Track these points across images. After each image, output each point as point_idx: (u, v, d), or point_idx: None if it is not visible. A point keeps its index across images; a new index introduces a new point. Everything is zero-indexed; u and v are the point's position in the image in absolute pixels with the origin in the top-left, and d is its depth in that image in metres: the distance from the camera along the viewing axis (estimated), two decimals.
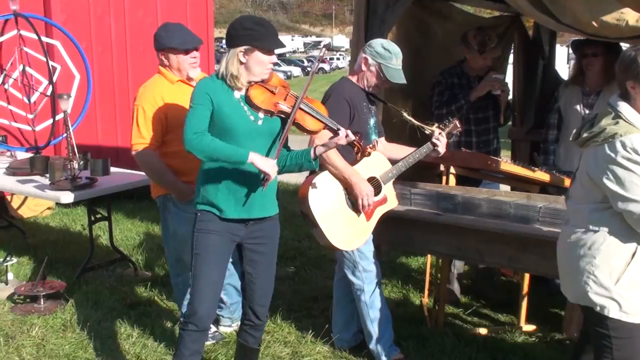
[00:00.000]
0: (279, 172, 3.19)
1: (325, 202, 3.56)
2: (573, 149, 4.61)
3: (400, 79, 3.72)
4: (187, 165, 3.63)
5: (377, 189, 3.70)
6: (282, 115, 3.11)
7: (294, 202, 8.48)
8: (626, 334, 2.67)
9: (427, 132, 3.81)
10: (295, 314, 4.64)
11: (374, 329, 3.84)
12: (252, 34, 3.00)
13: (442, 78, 4.72)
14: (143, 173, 4.20)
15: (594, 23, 3.35)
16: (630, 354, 2.70)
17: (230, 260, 3.37)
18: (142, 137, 3.79)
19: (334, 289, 4.15)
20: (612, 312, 2.64)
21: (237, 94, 3.07)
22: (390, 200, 3.80)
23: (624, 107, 2.64)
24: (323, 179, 3.58)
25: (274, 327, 4.41)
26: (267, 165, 2.96)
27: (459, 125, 3.94)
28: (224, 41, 3.72)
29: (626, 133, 2.56)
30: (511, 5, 3.92)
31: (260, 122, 3.08)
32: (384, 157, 3.81)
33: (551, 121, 4.86)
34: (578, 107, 4.66)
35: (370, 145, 3.65)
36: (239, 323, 3.46)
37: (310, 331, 4.27)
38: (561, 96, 4.82)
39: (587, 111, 4.61)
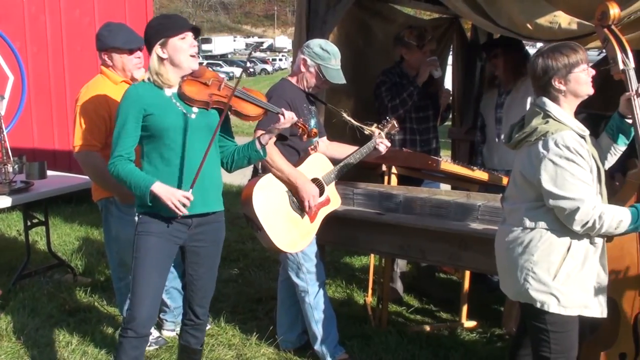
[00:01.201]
0: (232, 169, 3.19)
1: (270, 205, 3.54)
2: (494, 149, 4.77)
3: (340, 79, 3.74)
4: None
5: (320, 190, 3.71)
6: (219, 106, 3.09)
7: (237, 204, 8.40)
8: (563, 328, 2.76)
9: (366, 132, 3.85)
10: (239, 316, 4.61)
11: (318, 329, 3.85)
12: (160, 28, 3.01)
13: (385, 77, 4.77)
14: (81, 176, 4.11)
15: (528, 26, 3.44)
16: (567, 347, 2.79)
17: (173, 263, 3.32)
18: (84, 138, 3.70)
19: (279, 291, 4.14)
20: (552, 307, 2.71)
21: (169, 92, 3.05)
22: (333, 200, 3.82)
23: (552, 107, 2.73)
24: (267, 181, 3.56)
25: (218, 330, 4.37)
26: (172, 197, 2.92)
27: (396, 125, 3.99)
28: None
29: (557, 131, 2.65)
30: (449, 8, 3.99)
31: (194, 116, 3.05)
32: (326, 158, 3.83)
33: (478, 124, 5.02)
34: (493, 107, 4.82)
35: (312, 147, 3.68)
36: None
37: (255, 333, 4.25)
38: (482, 99, 4.99)
39: (499, 111, 4.76)
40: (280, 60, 59.36)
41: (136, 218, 3.10)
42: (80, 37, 7.99)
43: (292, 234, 3.61)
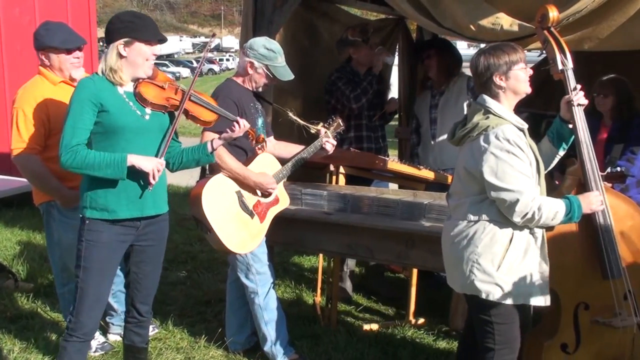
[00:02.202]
0: (176, 169, 3.17)
1: (219, 206, 3.52)
2: (429, 149, 4.86)
3: (289, 75, 3.75)
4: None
5: None
6: (175, 110, 3.08)
7: (184, 205, 8.32)
8: (507, 320, 2.84)
9: (312, 131, 3.86)
10: (187, 319, 4.56)
11: (268, 331, 3.84)
12: (130, 25, 2.94)
13: (339, 74, 4.79)
14: (23, 179, 3.99)
15: (472, 27, 3.51)
16: (510, 338, 2.88)
17: (120, 265, 3.27)
18: (23, 141, 3.59)
19: (227, 292, 4.11)
20: (496, 297, 2.79)
21: (121, 90, 2.99)
22: (282, 200, 3.82)
23: (492, 103, 2.82)
24: (215, 182, 3.53)
25: (166, 334, 4.31)
26: (150, 163, 2.92)
27: (342, 124, 4.01)
28: None
29: (497, 125, 2.75)
30: (395, 9, 4.04)
31: (147, 118, 3.01)
32: (274, 157, 3.82)
33: (413, 126, 5.09)
34: (427, 109, 4.91)
35: (259, 146, 3.67)
36: None
37: (204, 335, 4.21)
38: (416, 101, 5.08)
39: (433, 112, 4.85)
40: (228, 60, 58.96)
41: (83, 221, 3.02)
42: (20, 36, 7.77)
43: (242, 234, 3.58)
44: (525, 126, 2.83)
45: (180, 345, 4.16)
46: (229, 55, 64.46)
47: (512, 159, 2.70)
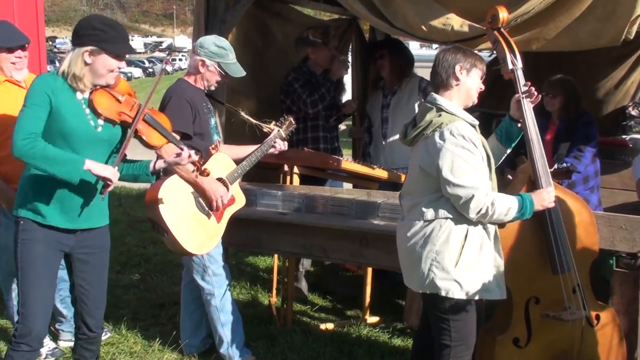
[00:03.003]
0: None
1: (176, 207, 3.45)
2: (380, 149, 4.90)
3: (240, 72, 3.74)
4: (18, 172, 3.37)
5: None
6: (126, 126, 2.96)
7: (137, 208, 8.24)
8: (462, 317, 2.88)
9: (265, 130, 3.85)
10: (141, 322, 4.50)
11: (225, 332, 3.81)
12: (100, 35, 2.83)
13: (296, 74, 4.77)
14: None
15: (423, 27, 3.55)
16: (466, 334, 2.92)
17: (66, 271, 3.19)
18: None
19: (182, 295, 4.07)
20: (456, 293, 2.82)
21: (80, 96, 2.89)
22: (238, 200, 3.79)
23: (443, 101, 2.87)
24: (171, 183, 3.47)
25: (119, 338, 4.24)
26: (107, 171, 2.83)
27: (293, 122, 4.01)
28: (57, 40, 3.50)
29: (451, 122, 2.79)
30: (348, 9, 4.06)
31: (100, 129, 2.91)
32: (228, 157, 3.79)
33: (365, 125, 5.13)
34: (379, 109, 4.95)
35: (213, 146, 3.65)
36: None
37: (158, 339, 4.15)
38: (368, 101, 5.12)
39: (385, 111, 4.90)
40: (180, 60, 58.30)
41: (17, 223, 2.92)
42: None
43: (200, 235, 3.54)
44: (476, 123, 2.89)
45: (133, 350, 4.09)
46: (182, 55, 63.75)
47: (466, 155, 2.75)
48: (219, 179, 3.65)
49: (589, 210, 3.21)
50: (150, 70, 49.46)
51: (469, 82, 2.89)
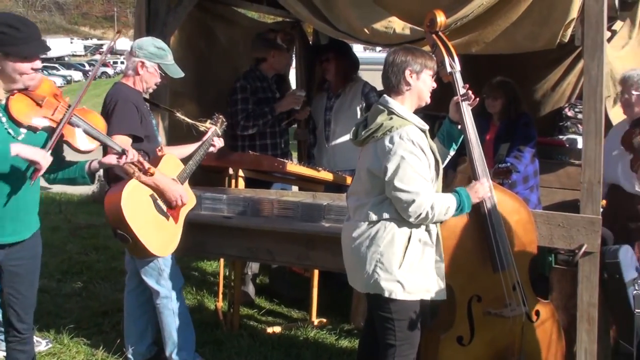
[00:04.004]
0: (52, 183, 3.01)
1: (138, 211, 3.41)
2: (323, 151, 4.94)
3: (179, 73, 3.73)
4: None
5: None
6: (51, 131, 2.79)
7: (78, 214, 8.07)
8: (407, 316, 2.92)
9: (201, 129, 3.85)
10: (83, 331, 4.39)
11: (178, 337, 3.77)
12: (4, 38, 2.64)
13: (246, 82, 4.73)
14: None
15: (366, 30, 3.58)
16: (410, 334, 2.96)
17: None
18: None
19: (126, 302, 3.99)
20: (399, 294, 2.86)
21: None
22: (190, 200, 3.77)
23: (394, 104, 2.90)
24: (131, 188, 3.40)
25: (61, 348, 4.13)
26: (37, 154, 2.65)
27: (224, 120, 4.00)
28: None
29: (401, 126, 2.82)
30: (291, 12, 4.06)
31: (20, 138, 2.74)
32: (176, 157, 3.77)
33: (310, 127, 5.15)
34: (322, 111, 4.98)
35: (159, 147, 3.62)
36: None
37: (102, 348, 4.07)
38: (313, 102, 5.15)
39: (328, 114, 4.93)
40: (122, 63, 57.24)
41: None
42: None
43: (162, 237, 3.52)
44: (427, 127, 2.93)
45: (76, 359, 4.00)
46: (124, 58, 62.58)
47: (413, 160, 2.78)
48: (172, 180, 3.62)
49: (527, 209, 3.29)
50: (90, 73, 48.36)
51: (420, 85, 2.92)
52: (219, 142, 3.86)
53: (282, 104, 4.78)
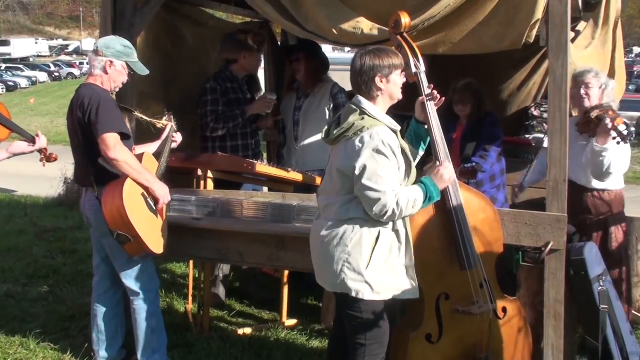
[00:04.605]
0: None
1: (138, 211, 3.46)
2: (292, 151, 4.94)
3: (145, 70, 3.75)
4: None
5: None
6: None
7: (44, 217, 7.94)
8: (376, 316, 2.92)
9: (158, 126, 3.87)
10: (50, 336, 4.32)
11: (153, 339, 3.75)
12: None
13: (216, 84, 4.70)
14: None
15: (334, 31, 3.59)
16: (380, 333, 2.97)
17: None
18: None
19: (95, 306, 3.93)
20: (366, 294, 2.86)
21: None
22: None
23: (367, 105, 2.90)
24: (128, 188, 3.43)
25: (27, 354, 4.07)
26: None
27: (172, 117, 4.00)
28: None
29: (372, 126, 2.83)
30: (259, 12, 4.05)
31: None
32: (152, 155, 3.77)
33: (280, 127, 5.15)
34: (291, 111, 4.99)
35: (133, 148, 3.62)
36: None
37: (69, 352, 4.03)
38: (283, 101, 5.15)
39: (297, 114, 4.94)
40: (89, 64, 56.52)
41: None
42: None
43: (157, 234, 3.58)
44: (398, 128, 2.93)
45: None
46: (88, 59, 61.72)
47: (382, 160, 2.79)
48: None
49: (493, 208, 3.33)
50: (57, 74, 47.65)
51: (391, 87, 2.93)
52: (179, 138, 3.90)
53: (253, 107, 4.77)
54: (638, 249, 4.92)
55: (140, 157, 3.62)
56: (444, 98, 3.18)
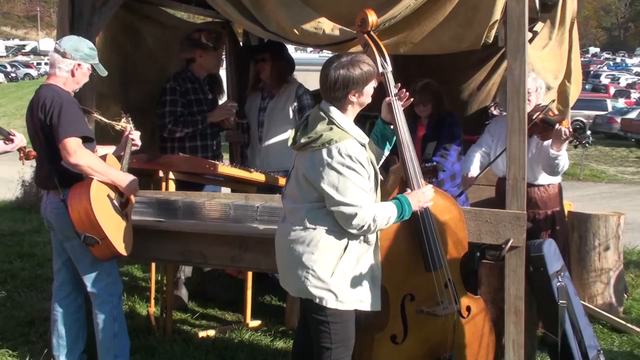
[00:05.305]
0: None
1: (106, 212, 3.42)
2: (256, 152, 4.93)
3: (105, 71, 3.72)
4: None
5: None
6: None
7: (1, 221, 7.77)
8: (341, 319, 2.92)
9: (117, 128, 3.84)
10: (8, 342, 4.24)
11: (115, 344, 3.70)
12: None
13: (176, 84, 4.65)
14: None
15: (295, 31, 3.58)
16: (346, 336, 2.96)
17: None
18: None
19: (55, 310, 3.85)
20: (330, 302, 2.85)
21: None
22: (132, 198, 3.76)
23: (336, 115, 2.86)
24: (95, 190, 3.39)
25: None
26: None
27: (130, 120, 3.96)
28: None
29: (341, 139, 2.78)
30: (220, 12, 4.02)
31: None
32: (114, 157, 3.73)
33: (244, 126, 5.13)
34: (256, 111, 4.98)
35: (95, 149, 3.58)
36: None
37: (28, 358, 3.96)
38: (247, 100, 5.13)
39: (261, 115, 4.93)
40: (46, 64, 55.50)
41: None
42: None
43: (123, 236, 3.54)
44: (367, 140, 2.91)
45: None
46: (48, 59, 60.64)
47: (353, 175, 2.77)
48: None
49: (458, 207, 3.36)
50: (13, 74, 46.68)
51: (364, 99, 2.90)
52: (138, 139, 3.86)
53: (215, 114, 4.75)
54: (595, 245, 5.04)
55: (103, 158, 3.59)
56: (412, 98, 3.19)
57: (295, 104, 4.82)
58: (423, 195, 3.03)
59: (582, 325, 3.51)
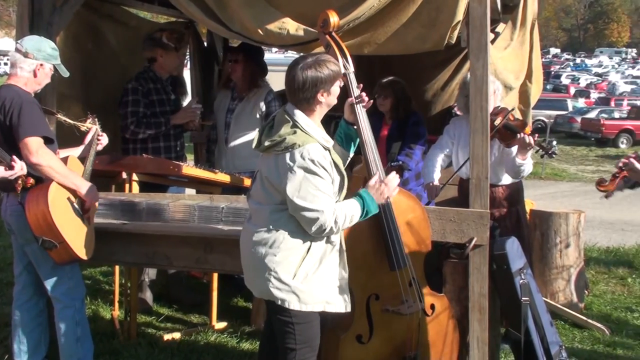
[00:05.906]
0: None
1: (64, 215, 3.36)
2: (222, 152, 4.92)
3: (66, 71, 3.67)
4: None
5: None
6: None
7: None
8: (306, 320, 2.91)
9: (82, 129, 3.80)
10: None
11: (78, 348, 3.64)
12: None
13: (138, 84, 4.60)
14: None
15: (259, 31, 3.56)
16: (311, 336, 2.95)
17: None
18: None
19: (16, 315, 3.77)
20: (292, 304, 2.85)
21: None
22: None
23: (301, 118, 2.84)
24: (53, 193, 3.32)
25: None
26: None
27: (96, 120, 3.92)
28: None
29: (304, 143, 2.77)
30: (183, 12, 3.99)
31: None
32: (77, 159, 3.67)
33: (212, 123, 5.10)
34: (224, 111, 4.96)
35: (57, 152, 3.52)
36: None
37: None
38: (217, 98, 5.10)
39: (229, 116, 4.91)
40: (6, 64, 54.45)
41: None
42: None
43: (84, 239, 3.48)
44: (331, 143, 2.90)
45: None
46: (7, 59, 59.44)
47: (315, 180, 2.76)
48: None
49: (422, 207, 3.39)
50: None
51: (331, 99, 2.89)
52: (105, 140, 3.82)
53: (178, 116, 4.72)
54: (556, 242, 5.13)
55: (65, 161, 3.52)
56: (372, 101, 3.20)
57: (264, 109, 4.80)
58: (385, 186, 2.98)
59: (545, 322, 3.56)
